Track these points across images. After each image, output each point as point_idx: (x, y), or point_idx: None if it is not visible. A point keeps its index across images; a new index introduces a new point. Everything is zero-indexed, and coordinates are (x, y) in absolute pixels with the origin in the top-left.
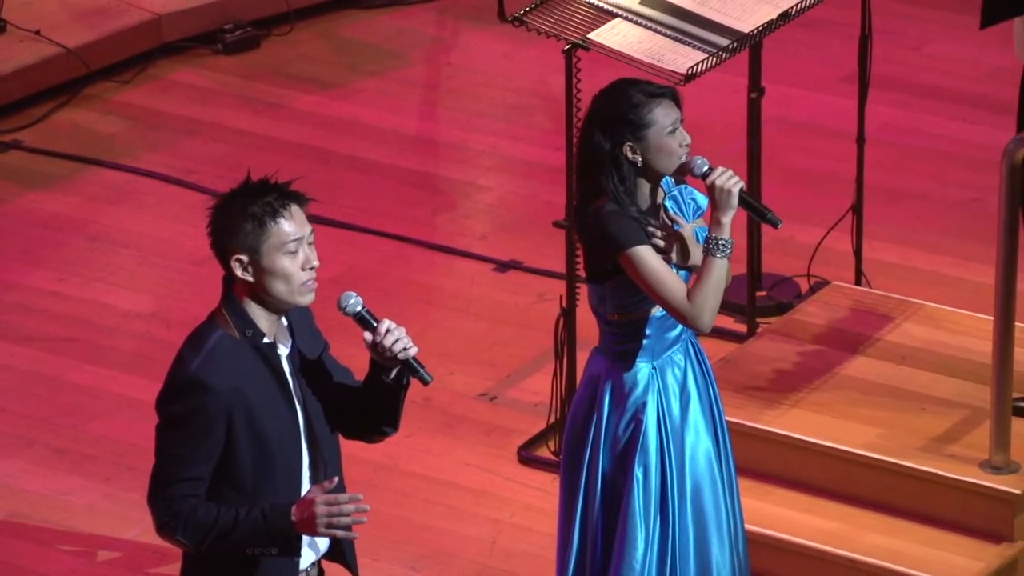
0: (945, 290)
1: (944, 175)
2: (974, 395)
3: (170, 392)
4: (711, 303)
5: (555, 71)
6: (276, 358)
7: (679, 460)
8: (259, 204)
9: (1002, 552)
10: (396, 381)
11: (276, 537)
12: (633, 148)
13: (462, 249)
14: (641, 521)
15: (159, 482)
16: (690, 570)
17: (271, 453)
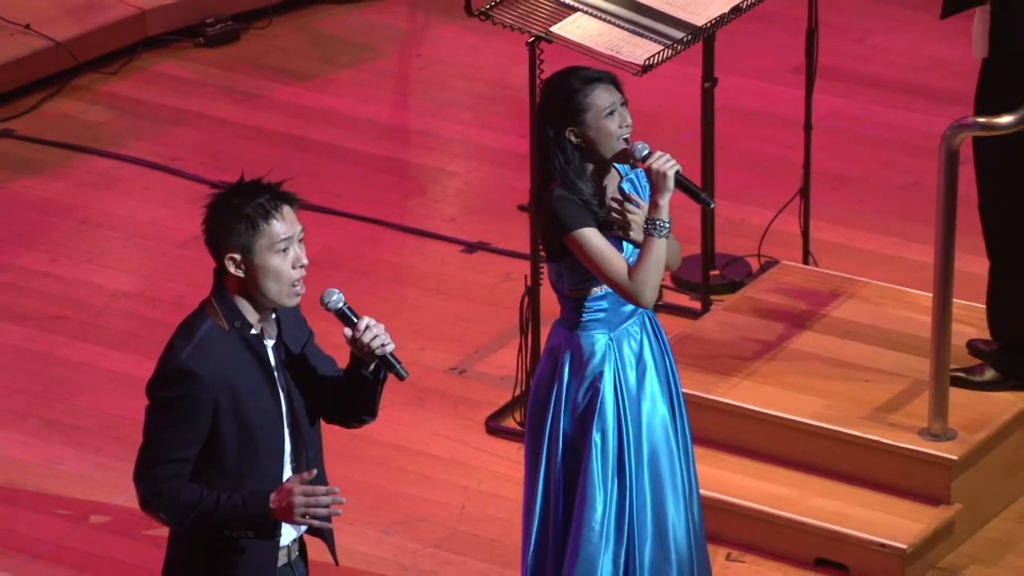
0: (887, 269)
1: (886, 161)
2: (914, 367)
3: (160, 378)
4: (651, 280)
5: (520, 62)
6: (262, 349)
7: (636, 427)
8: (252, 205)
9: (940, 514)
10: (374, 374)
11: (254, 522)
12: (575, 132)
13: (432, 231)
14: (599, 483)
15: (145, 462)
16: (647, 530)
17: (255, 439)
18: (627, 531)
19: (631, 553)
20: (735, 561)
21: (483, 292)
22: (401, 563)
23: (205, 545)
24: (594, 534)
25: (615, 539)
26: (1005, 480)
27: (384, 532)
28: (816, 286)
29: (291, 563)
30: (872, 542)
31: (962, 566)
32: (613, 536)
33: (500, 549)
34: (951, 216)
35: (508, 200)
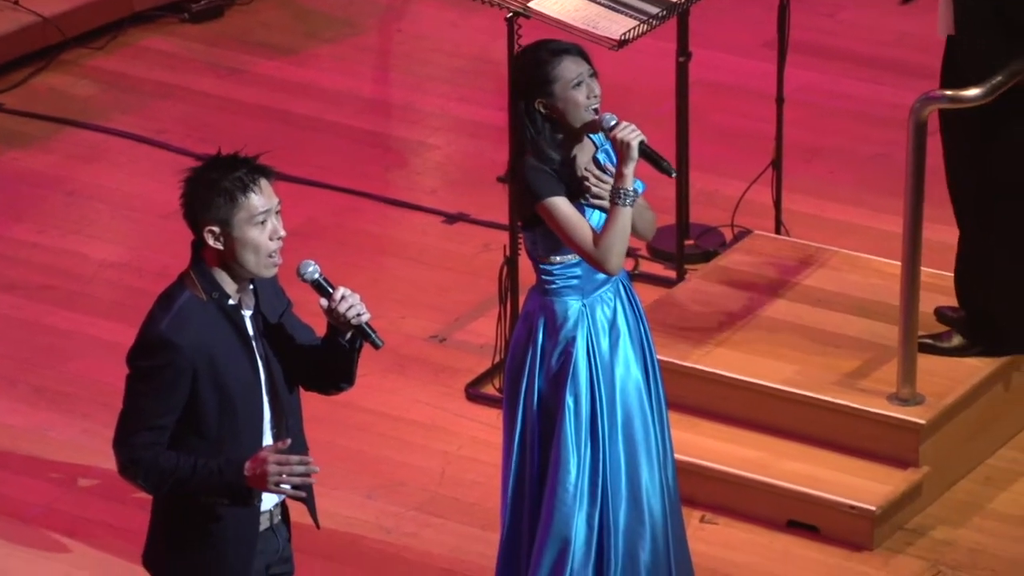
0: (857, 238)
1: (856, 133)
2: (883, 334)
3: (140, 348)
4: (617, 247)
5: (498, 37)
6: (240, 319)
7: (609, 391)
8: (230, 179)
9: (908, 477)
10: (350, 343)
11: (229, 489)
12: (544, 103)
13: (413, 203)
14: (572, 446)
15: (124, 429)
16: (621, 493)
17: (234, 406)
18: (601, 493)
19: (605, 515)
20: (709, 523)
21: (463, 262)
22: (383, 526)
23: (187, 511)
24: (568, 495)
25: (588, 501)
26: (971, 443)
27: (367, 496)
28: (788, 255)
29: (273, 527)
30: (842, 504)
31: (929, 527)
32: (587, 498)
33: (480, 512)
34: (919, 186)
35: (487, 172)
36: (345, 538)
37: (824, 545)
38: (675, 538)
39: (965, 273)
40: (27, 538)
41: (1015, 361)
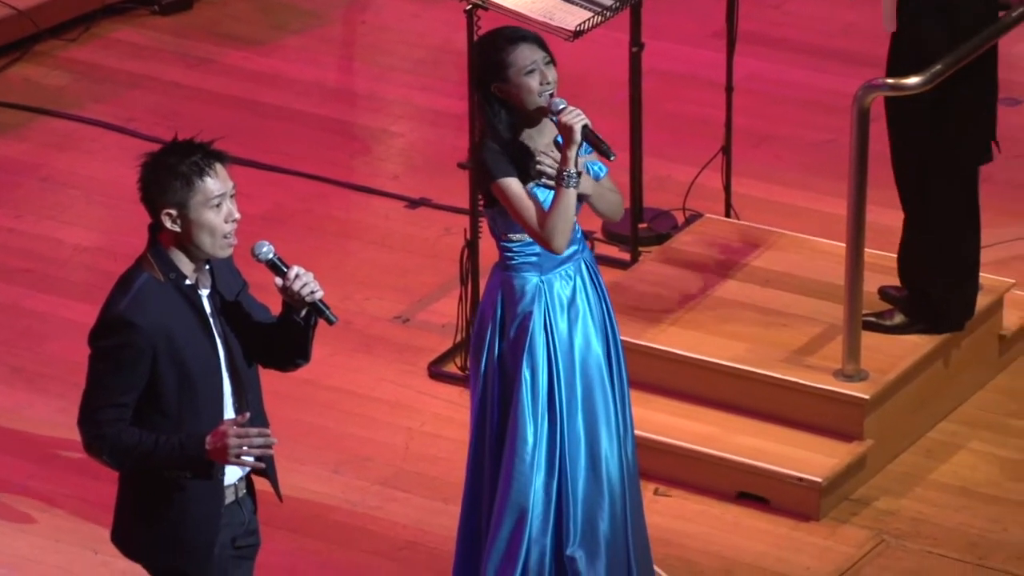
0: (804, 221)
1: (802, 119)
2: (829, 312)
3: (100, 329)
4: (560, 227)
5: (459, 29)
6: (197, 298)
7: (568, 365)
8: (186, 163)
9: (853, 449)
10: (305, 320)
11: (191, 463)
12: (500, 88)
13: (376, 188)
14: (529, 416)
15: (88, 407)
16: (580, 464)
17: (194, 383)
18: (559, 464)
19: (563, 485)
20: (662, 495)
21: (425, 245)
22: (349, 500)
23: (152, 486)
24: (524, 465)
25: (546, 471)
26: (913, 417)
27: (333, 471)
28: (737, 237)
29: (238, 500)
30: (790, 476)
31: (873, 497)
32: (544, 468)
33: (442, 486)
34: (863, 171)
35: (448, 158)
36: (312, 512)
37: (773, 516)
38: (633, 510)
39: (908, 254)
40: (3, 512)
41: (954, 338)
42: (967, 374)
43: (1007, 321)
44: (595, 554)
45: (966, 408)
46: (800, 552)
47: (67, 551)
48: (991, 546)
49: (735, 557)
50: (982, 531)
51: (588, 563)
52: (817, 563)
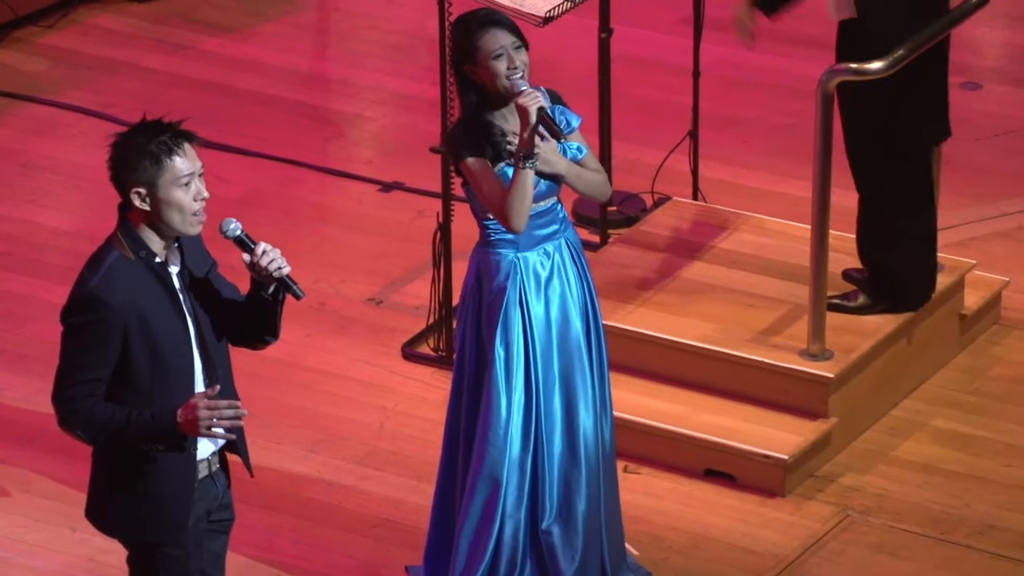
0: (769, 203)
1: (768, 104)
2: (794, 293)
3: (72, 306)
4: (516, 207)
5: (431, 15)
6: (167, 275)
7: (544, 342)
8: (155, 143)
9: (818, 427)
10: (273, 296)
11: (163, 436)
12: (471, 70)
13: (350, 172)
14: (503, 390)
15: (61, 384)
16: (557, 441)
17: (164, 359)
18: (534, 439)
19: (539, 460)
20: (632, 473)
21: (398, 228)
22: (325, 478)
23: (126, 462)
24: (498, 438)
25: (521, 445)
26: (876, 396)
27: (309, 450)
28: (705, 220)
29: (212, 475)
30: (756, 453)
31: (838, 474)
32: (519, 442)
33: (416, 464)
34: (827, 154)
35: (421, 143)
36: (288, 490)
37: (740, 492)
38: (608, 488)
39: (866, 236)
40: None
41: (916, 318)
42: (929, 353)
43: (968, 301)
44: (570, 529)
45: (928, 386)
46: (766, 528)
47: (46, 529)
48: (953, 521)
49: (703, 533)
50: (944, 506)
51: (563, 538)
52: (783, 538)
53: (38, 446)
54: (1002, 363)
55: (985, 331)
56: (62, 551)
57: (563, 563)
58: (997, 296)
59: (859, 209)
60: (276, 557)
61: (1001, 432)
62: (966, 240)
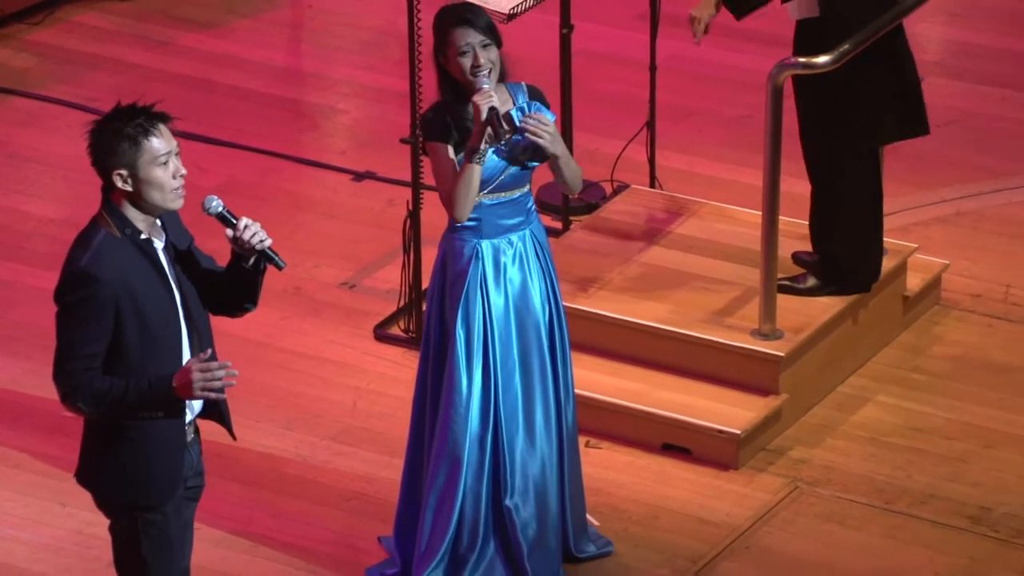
0: (723, 191)
1: (721, 96)
2: (746, 276)
3: (65, 285)
4: (458, 198)
5: (400, 12)
6: (153, 251)
7: (503, 327)
8: (132, 126)
9: (769, 403)
10: (254, 267)
11: (161, 402)
12: (444, 62)
13: (324, 162)
14: (463, 372)
15: (60, 361)
16: (517, 422)
17: (154, 331)
18: (493, 418)
19: (500, 439)
20: (593, 448)
21: (370, 216)
22: (301, 454)
23: (119, 428)
24: (459, 415)
25: (480, 423)
26: (824, 373)
27: (285, 428)
28: (661, 207)
29: (188, 443)
30: (711, 428)
31: (788, 447)
32: (478, 420)
33: (387, 441)
34: (777, 144)
35: (392, 134)
36: (265, 465)
37: (695, 465)
38: (570, 466)
39: (817, 222)
40: None
41: (862, 299)
42: (874, 332)
43: (910, 283)
44: (531, 505)
45: (873, 364)
46: (721, 499)
47: (36, 504)
48: (897, 491)
49: (661, 504)
50: (888, 478)
51: (524, 513)
52: (736, 509)
53: (25, 425)
54: (942, 342)
55: (926, 311)
56: (51, 524)
57: (524, 537)
58: (937, 278)
59: (812, 197)
60: (254, 530)
61: (941, 407)
62: (908, 225)
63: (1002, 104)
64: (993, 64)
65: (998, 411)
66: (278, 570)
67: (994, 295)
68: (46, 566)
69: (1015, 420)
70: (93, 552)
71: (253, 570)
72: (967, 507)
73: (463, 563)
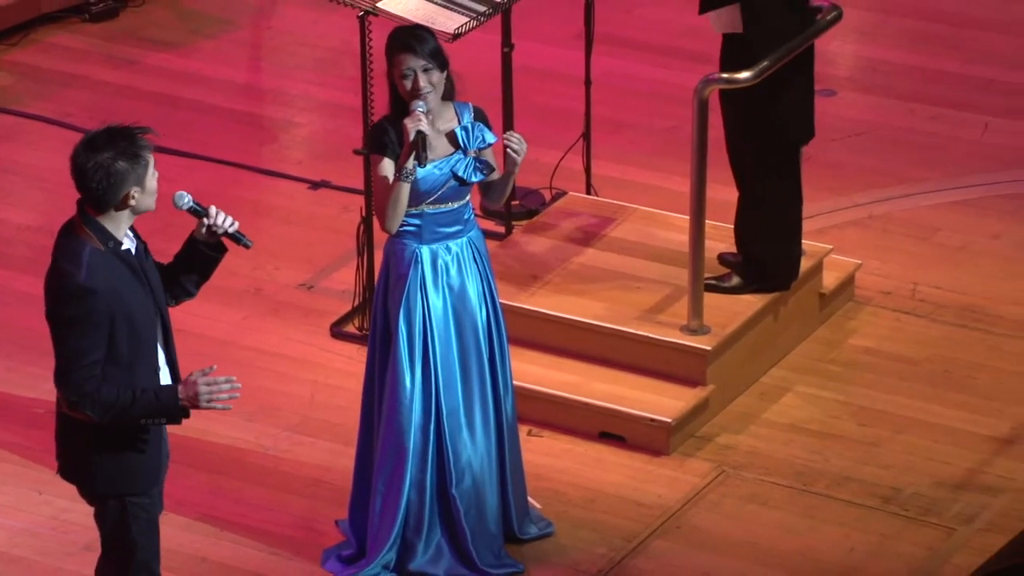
0: (653, 197)
1: (651, 109)
2: (676, 276)
3: (64, 300)
4: (388, 212)
5: (353, 33)
6: (132, 259)
7: (442, 326)
8: (131, 148)
9: (697, 394)
10: (216, 250)
11: (166, 411)
12: (392, 79)
13: (283, 172)
14: (406, 365)
15: (65, 371)
16: (459, 416)
17: (139, 332)
18: (435, 411)
19: (442, 432)
20: (535, 436)
21: (326, 222)
22: (262, 444)
23: (107, 427)
24: (403, 408)
25: (422, 414)
26: (748, 366)
27: (247, 419)
28: (597, 212)
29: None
30: (644, 417)
31: (715, 434)
32: (420, 413)
33: (343, 431)
34: (703, 153)
35: (345, 146)
36: (229, 455)
37: (630, 452)
38: (511, 454)
39: (741, 225)
40: None
41: (782, 296)
42: (793, 327)
43: (826, 281)
44: (473, 493)
45: (792, 356)
46: (653, 483)
47: (14, 492)
48: (814, 474)
49: (598, 488)
50: (807, 461)
51: (466, 501)
52: (668, 491)
53: (3, 418)
54: (856, 335)
55: (841, 307)
56: (28, 511)
57: (467, 522)
58: (851, 277)
59: (738, 202)
60: (219, 515)
61: (855, 396)
62: (824, 228)
63: (909, 116)
64: (900, 79)
65: (907, 399)
66: (242, 552)
67: (903, 292)
68: (25, 550)
69: (923, 407)
70: (69, 536)
71: (219, 552)
72: (879, 488)
73: (412, 548)
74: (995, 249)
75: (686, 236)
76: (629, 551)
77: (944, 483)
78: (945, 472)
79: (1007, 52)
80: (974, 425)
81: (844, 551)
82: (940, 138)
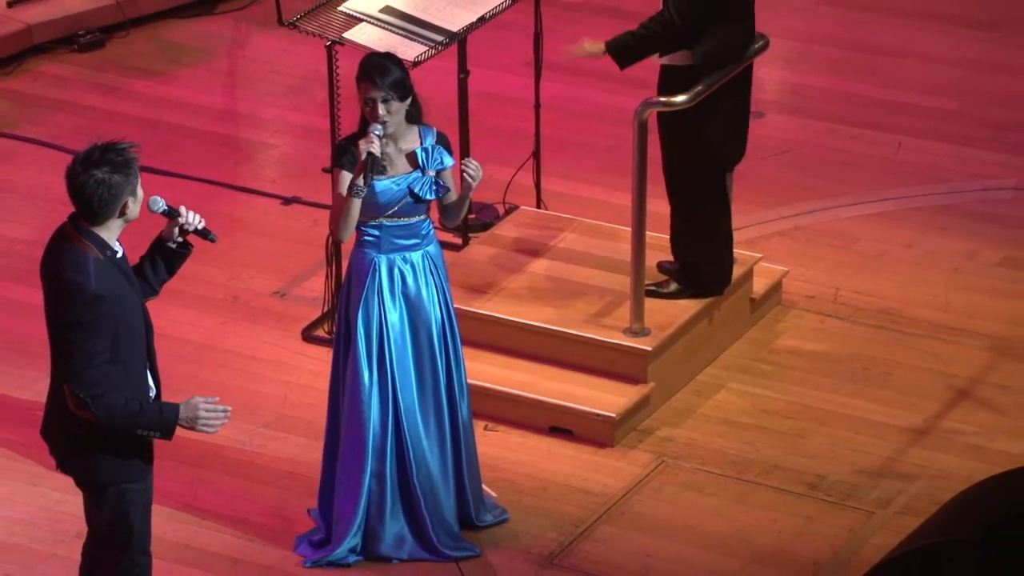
0: (598, 210)
1: (595, 130)
2: (619, 283)
3: (78, 306)
4: (339, 223)
5: (321, 62)
6: (125, 265)
7: (398, 331)
8: (120, 161)
9: (639, 390)
10: (183, 247)
11: (163, 425)
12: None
13: (257, 189)
14: (364, 364)
15: (77, 371)
16: (415, 414)
17: (134, 333)
18: (393, 411)
19: (401, 431)
20: (491, 431)
21: (298, 234)
22: (239, 440)
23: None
24: (363, 405)
25: (379, 410)
26: (686, 365)
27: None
28: (546, 224)
29: None
30: (590, 412)
31: (656, 428)
32: (378, 410)
33: (314, 427)
34: (643, 170)
35: (315, 165)
36: (208, 450)
37: (577, 444)
38: (467, 448)
39: (677, 236)
40: None
41: (716, 301)
42: (727, 329)
43: (756, 287)
44: (430, 484)
45: (726, 356)
46: (599, 472)
47: (9, 484)
48: (746, 463)
49: (549, 478)
50: (739, 452)
51: (424, 491)
52: (613, 480)
53: (4, 418)
54: (784, 336)
55: (770, 311)
56: (23, 502)
57: (426, 510)
58: (779, 283)
59: (671, 215)
60: (200, 505)
61: (783, 392)
62: (754, 238)
63: (829, 135)
64: (821, 102)
65: (830, 394)
66: (221, 539)
67: (826, 296)
68: (21, 538)
69: (844, 402)
70: (62, 525)
71: (200, 539)
72: (805, 475)
73: (376, 534)
74: (909, 257)
75: (628, 246)
76: (577, 535)
77: (864, 471)
78: (865, 461)
79: (919, 78)
80: (891, 418)
81: (773, 533)
82: (858, 156)
